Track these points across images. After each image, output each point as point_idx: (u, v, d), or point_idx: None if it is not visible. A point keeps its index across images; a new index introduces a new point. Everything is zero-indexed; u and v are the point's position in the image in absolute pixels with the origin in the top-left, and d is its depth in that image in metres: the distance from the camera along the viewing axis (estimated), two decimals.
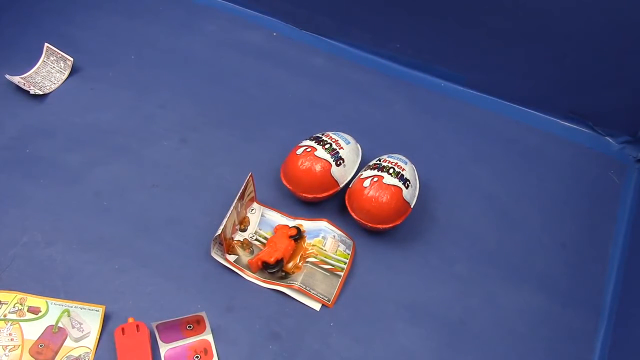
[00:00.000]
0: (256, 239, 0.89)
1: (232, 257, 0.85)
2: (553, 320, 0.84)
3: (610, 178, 1.01)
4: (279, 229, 0.89)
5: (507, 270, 0.89)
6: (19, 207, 0.89)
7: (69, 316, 0.77)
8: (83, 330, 0.76)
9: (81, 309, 0.77)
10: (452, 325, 0.83)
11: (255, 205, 0.92)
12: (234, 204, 0.84)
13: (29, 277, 0.81)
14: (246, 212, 0.91)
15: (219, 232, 0.81)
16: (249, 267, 0.84)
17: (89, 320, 0.77)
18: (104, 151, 0.96)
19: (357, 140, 0.96)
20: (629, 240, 0.92)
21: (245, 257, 0.86)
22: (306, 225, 0.90)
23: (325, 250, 0.87)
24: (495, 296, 0.86)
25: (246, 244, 0.88)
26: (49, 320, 0.77)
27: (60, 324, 0.76)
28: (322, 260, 0.86)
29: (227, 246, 0.85)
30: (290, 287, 0.83)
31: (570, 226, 0.94)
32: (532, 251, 0.91)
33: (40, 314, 0.77)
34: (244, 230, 0.89)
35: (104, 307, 0.78)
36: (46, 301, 0.78)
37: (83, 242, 0.86)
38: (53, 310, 0.77)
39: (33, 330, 0.76)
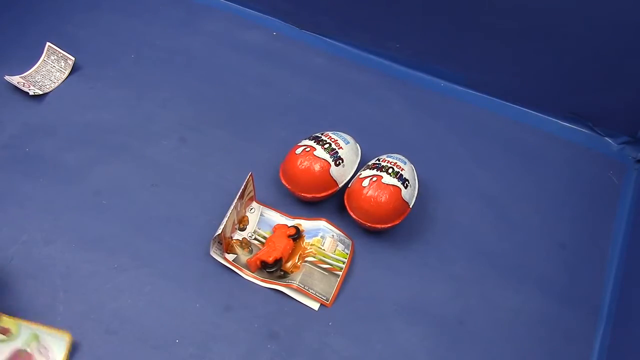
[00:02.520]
0: (255, 238, 0.89)
1: (230, 257, 0.85)
2: (551, 321, 0.84)
3: (609, 178, 1.01)
4: (278, 228, 0.89)
5: (505, 271, 0.89)
6: (18, 206, 0.89)
7: (37, 341, 0.74)
8: (49, 358, 0.74)
9: (48, 334, 0.75)
10: (450, 325, 0.83)
11: (254, 204, 0.92)
12: (234, 204, 0.84)
13: (28, 276, 0.81)
14: (245, 211, 0.91)
15: (219, 231, 0.81)
16: (247, 266, 0.85)
17: (55, 347, 0.75)
18: (104, 150, 0.97)
19: (357, 140, 0.96)
20: (628, 241, 0.92)
21: (244, 256, 0.86)
22: (305, 224, 0.90)
23: (323, 250, 0.87)
24: (493, 296, 0.86)
25: (245, 243, 0.88)
26: (18, 343, 0.74)
27: (28, 349, 0.74)
28: (320, 260, 0.86)
29: (225, 245, 0.85)
30: (288, 286, 0.83)
31: (569, 227, 0.94)
32: (530, 251, 0.91)
33: (9, 335, 0.74)
34: (242, 230, 0.89)
35: (69, 335, 0.75)
36: (17, 323, 0.75)
37: (82, 241, 0.86)
38: (23, 333, 0.75)
39: (0, 353, 0.73)
